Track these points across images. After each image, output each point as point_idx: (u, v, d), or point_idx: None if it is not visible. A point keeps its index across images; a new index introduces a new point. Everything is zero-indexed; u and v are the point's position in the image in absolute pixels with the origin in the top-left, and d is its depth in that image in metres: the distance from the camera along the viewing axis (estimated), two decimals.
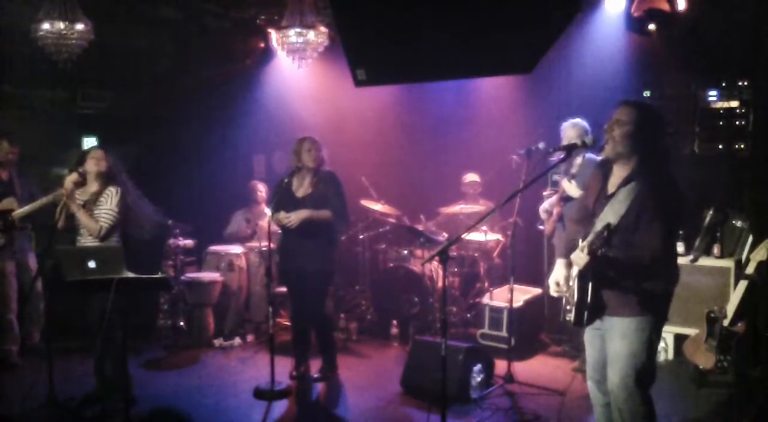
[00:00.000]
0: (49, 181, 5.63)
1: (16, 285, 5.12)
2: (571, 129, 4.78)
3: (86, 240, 4.19)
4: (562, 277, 3.06)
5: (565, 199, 4.82)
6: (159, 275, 4.37)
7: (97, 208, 4.18)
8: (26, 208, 4.87)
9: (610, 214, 2.84)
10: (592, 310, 2.90)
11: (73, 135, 6.56)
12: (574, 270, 2.96)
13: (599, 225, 2.84)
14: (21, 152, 5.29)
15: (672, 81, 5.66)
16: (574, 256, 2.87)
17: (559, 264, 3.10)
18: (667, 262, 2.87)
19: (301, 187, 4.82)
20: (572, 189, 4.69)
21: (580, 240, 2.90)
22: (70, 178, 4.13)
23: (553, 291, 3.10)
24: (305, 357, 5.00)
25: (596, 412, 3.16)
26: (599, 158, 3.11)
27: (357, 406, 4.47)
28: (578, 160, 4.77)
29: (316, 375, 4.92)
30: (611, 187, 2.94)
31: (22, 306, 5.12)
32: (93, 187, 4.26)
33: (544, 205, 5.09)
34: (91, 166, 4.21)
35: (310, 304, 4.83)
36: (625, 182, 2.87)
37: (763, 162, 5.18)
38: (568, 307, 3.02)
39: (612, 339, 2.91)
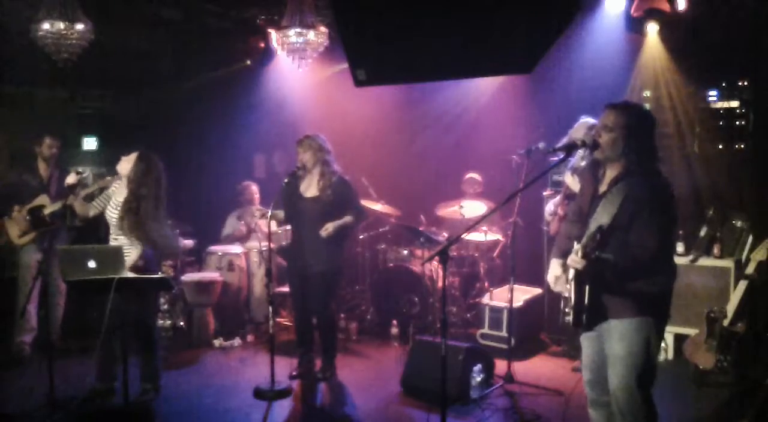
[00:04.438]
0: None
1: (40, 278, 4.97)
2: (586, 129, 4.72)
3: (119, 239, 4.28)
4: (559, 274, 3.07)
5: (569, 198, 4.81)
6: (159, 275, 4.38)
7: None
8: (55, 205, 4.96)
9: (603, 215, 2.85)
10: (590, 313, 2.90)
11: (73, 135, 6.55)
12: (571, 273, 2.96)
13: (593, 225, 2.85)
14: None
15: (672, 81, 5.67)
16: (570, 260, 2.88)
17: (555, 264, 3.11)
18: (664, 261, 2.88)
19: (309, 186, 4.84)
20: (575, 184, 4.67)
21: (576, 243, 2.91)
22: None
23: (553, 287, 3.11)
24: (309, 356, 5.01)
25: (592, 415, 3.13)
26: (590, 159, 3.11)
27: (357, 406, 4.47)
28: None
29: (317, 376, 4.92)
30: (603, 187, 2.97)
31: (43, 301, 5.02)
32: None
33: (549, 206, 5.09)
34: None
35: (316, 304, 4.85)
36: (615, 182, 2.90)
37: (763, 162, 5.18)
38: (567, 309, 3.02)
39: (610, 341, 2.90)
